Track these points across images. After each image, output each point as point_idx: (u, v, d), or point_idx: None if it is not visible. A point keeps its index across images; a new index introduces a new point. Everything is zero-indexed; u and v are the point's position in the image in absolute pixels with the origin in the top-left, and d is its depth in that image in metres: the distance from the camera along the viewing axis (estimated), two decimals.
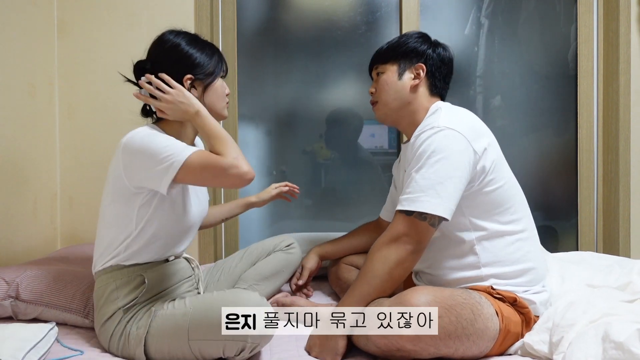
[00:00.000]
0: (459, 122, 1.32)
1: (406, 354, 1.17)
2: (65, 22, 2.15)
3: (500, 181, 1.33)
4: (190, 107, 1.28)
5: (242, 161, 1.20)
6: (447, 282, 1.35)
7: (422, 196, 1.24)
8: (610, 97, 2.26)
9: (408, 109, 1.45)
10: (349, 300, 1.27)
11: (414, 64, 1.45)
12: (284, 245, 1.73)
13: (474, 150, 1.28)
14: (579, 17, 2.31)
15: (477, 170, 1.29)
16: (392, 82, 1.45)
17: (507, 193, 1.34)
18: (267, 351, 1.30)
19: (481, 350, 1.21)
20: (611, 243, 2.27)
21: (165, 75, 1.30)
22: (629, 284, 1.42)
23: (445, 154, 1.25)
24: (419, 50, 1.45)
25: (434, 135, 1.28)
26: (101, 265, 1.32)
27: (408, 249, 1.24)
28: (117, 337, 1.26)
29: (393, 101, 1.45)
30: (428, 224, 1.25)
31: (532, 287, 1.33)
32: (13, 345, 1.10)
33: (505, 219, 1.33)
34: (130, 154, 1.24)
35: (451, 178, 1.24)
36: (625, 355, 1.04)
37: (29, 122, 1.97)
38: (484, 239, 1.32)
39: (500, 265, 1.31)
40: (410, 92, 1.44)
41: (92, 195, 2.15)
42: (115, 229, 1.30)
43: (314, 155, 2.39)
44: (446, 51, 1.48)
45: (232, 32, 2.27)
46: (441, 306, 1.16)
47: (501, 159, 1.38)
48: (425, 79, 1.45)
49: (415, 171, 1.27)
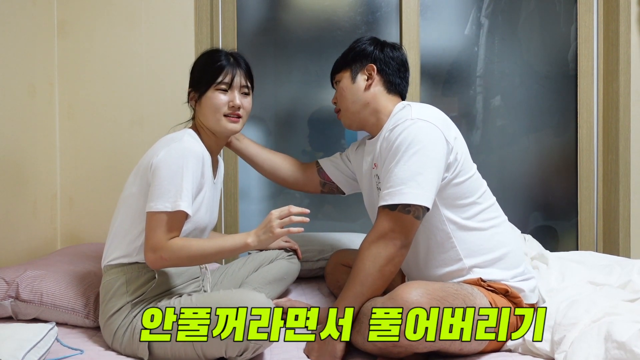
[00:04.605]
0: (430, 114, 1.35)
1: (403, 350, 1.17)
2: (65, 22, 2.15)
3: (469, 172, 1.37)
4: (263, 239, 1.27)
5: (160, 260, 1.24)
6: (434, 279, 1.36)
7: (404, 188, 1.25)
8: (610, 97, 2.26)
9: (368, 110, 1.47)
10: (343, 302, 1.28)
11: (364, 65, 1.47)
12: (287, 255, 1.76)
13: (446, 140, 1.31)
14: (579, 17, 2.31)
15: (450, 160, 1.32)
16: (348, 87, 1.48)
17: (475, 183, 1.38)
18: (268, 353, 1.30)
19: (478, 342, 1.22)
20: (611, 243, 2.27)
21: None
22: (629, 283, 1.43)
23: (421, 145, 1.27)
24: (367, 52, 1.48)
25: (409, 127, 1.30)
26: (112, 260, 1.33)
27: (397, 245, 1.26)
28: (122, 331, 1.26)
29: (352, 104, 1.48)
30: (413, 217, 1.27)
31: (515, 270, 1.35)
32: (13, 345, 1.09)
33: (475, 208, 1.36)
34: (162, 160, 1.27)
35: (430, 168, 1.27)
36: (627, 355, 1.04)
37: (29, 122, 1.96)
38: (459, 229, 1.35)
39: (480, 254, 1.34)
40: (365, 91, 1.46)
41: (92, 195, 2.15)
42: (131, 221, 1.32)
43: (314, 156, 2.38)
44: (395, 50, 1.50)
45: (232, 32, 2.27)
46: (433, 298, 1.17)
47: (467, 150, 1.42)
48: (379, 77, 1.47)
49: (394, 165, 1.29)
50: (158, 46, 2.14)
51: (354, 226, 2.38)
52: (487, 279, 1.32)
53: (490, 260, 1.34)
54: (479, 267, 1.33)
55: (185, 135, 1.32)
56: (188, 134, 1.34)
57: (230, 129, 1.40)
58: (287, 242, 1.79)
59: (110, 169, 2.13)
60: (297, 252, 1.80)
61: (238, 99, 1.39)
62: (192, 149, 1.28)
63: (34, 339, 1.14)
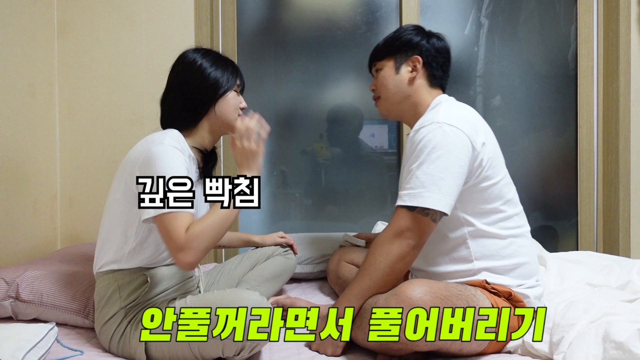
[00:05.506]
0: (459, 117, 1.33)
1: (404, 347, 1.17)
2: (65, 22, 2.15)
3: (496, 177, 1.34)
4: (253, 165, 1.30)
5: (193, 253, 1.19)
6: (440, 276, 1.36)
7: (424, 192, 1.25)
8: (610, 97, 2.26)
9: (409, 102, 1.46)
10: (350, 293, 1.28)
11: (409, 56, 1.45)
12: (283, 251, 1.75)
13: (472, 146, 1.29)
14: (579, 17, 2.31)
15: (475, 166, 1.30)
16: (390, 76, 1.46)
17: (502, 190, 1.35)
18: (267, 351, 1.30)
19: (479, 344, 1.22)
20: (611, 243, 2.26)
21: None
22: (629, 284, 1.43)
23: (445, 150, 1.26)
24: (413, 43, 1.45)
25: (434, 131, 1.28)
26: (103, 266, 1.32)
27: (410, 244, 1.26)
28: (117, 337, 1.26)
29: (393, 96, 1.46)
30: (430, 219, 1.26)
31: (525, 281, 1.34)
32: (13, 345, 1.09)
33: (497, 215, 1.34)
34: (145, 162, 1.24)
35: (451, 174, 1.25)
36: (625, 355, 1.04)
37: (29, 122, 1.97)
38: (477, 233, 1.33)
39: (492, 259, 1.33)
40: (408, 84, 1.45)
41: (92, 195, 2.15)
42: (117, 228, 1.31)
43: (314, 155, 2.39)
44: (441, 40, 1.48)
45: (232, 32, 2.27)
46: (436, 297, 1.16)
47: (498, 155, 1.39)
48: (423, 70, 1.45)
49: (416, 167, 1.28)
50: (158, 46, 2.15)
51: (355, 227, 2.38)
52: (492, 282, 1.31)
53: (501, 267, 1.33)
54: (488, 271, 1.32)
55: (167, 137, 1.29)
56: (169, 136, 1.30)
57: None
58: (283, 237, 1.79)
59: (111, 169, 2.11)
60: (292, 247, 1.79)
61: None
62: (172, 151, 1.26)
63: (34, 339, 1.14)
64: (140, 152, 1.27)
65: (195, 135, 1.41)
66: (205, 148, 1.43)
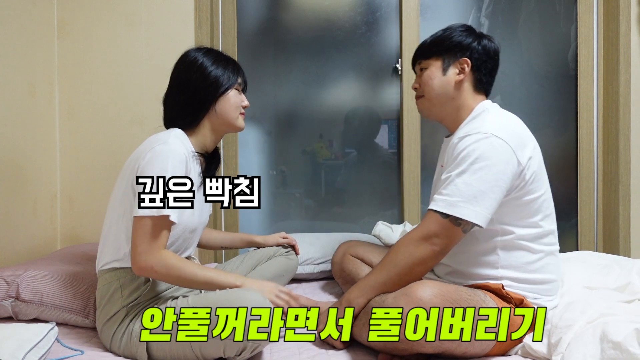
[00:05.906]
0: (505, 129, 1.29)
1: (409, 347, 1.17)
2: (65, 22, 2.15)
3: (538, 192, 1.32)
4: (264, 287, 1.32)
5: (151, 270, 1.23)
6: (461, 273, 1.36)
7: (462, 202, 1.23)
8: (610, 97, 2.26)
9: (452, 105, 1.42)
10: (365, 283, 1.28)
11: (458, 58, 1.40)
12: (284, 251, 1.75)
13: (518, 160, 1.26)
14: (579, 17, 2.31)
15: (518, 180, 1.28)
16: (437, 77, 1.41)
17: (542, 205, 1.33)
18: (268, 351, 1.30)
19: (482, 347, 1.21)
20: (611, 243, 2.27)
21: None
22: (628, 285, 1.42)
23: (489, 162, 1.23)
24: (464, 44, 1.40)
25: (480, 141, 1.26)
26: (105, 264, 1.32)
27: (435, 250, 1.24)
28: (119, 336, 1.26)
29: (437, 97, 1.42)
30: (461, 230, 1.25)
31: (544, 297, 1.34)
32: (13, 345, 1.10)
33: (532, 230, 1.32)
34: (147, 164, 1.26)
35: (492, 187, 1.23)
36: (623, 355, 1.04)
37: (29, 122, 1.97)
38: (509, 244, 1.31)
39: (518, 271, 1.31)
40: (454, 88, 1.41)
41: (92, 195, 2.16)
42: (118, 226, 1.31)
43: (314, 155, 2.39)
44: (492, 42, 1.44)
45: (232, 32, 2.27)
46: (446, 299, 1.16)
47: (542, 169, 1.36)
48: (470, 74, 1.41)
49: (457, 175, 1.25)
50: (158, 46, 2.15)
51: (355, 227, 2.39)
52: (509, 289, 1.30)
53: (525, 279, 1.31)
54: (511, 280, 1.31)
55: (171, 137, 1.31)
56: (174, 135, 1.32)
57: (243, 126, 1.48)
58: (285, 237, 1.79)
59: (110, 169, 2.14)
60: (294, 248, 1.79)
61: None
62: (175, 151, 1.27)
63: (34, 339, 1.14)
64: (144, 151, 1.29)
65: (198, 134, 1.42)
66: (208, 147, 1.44)
